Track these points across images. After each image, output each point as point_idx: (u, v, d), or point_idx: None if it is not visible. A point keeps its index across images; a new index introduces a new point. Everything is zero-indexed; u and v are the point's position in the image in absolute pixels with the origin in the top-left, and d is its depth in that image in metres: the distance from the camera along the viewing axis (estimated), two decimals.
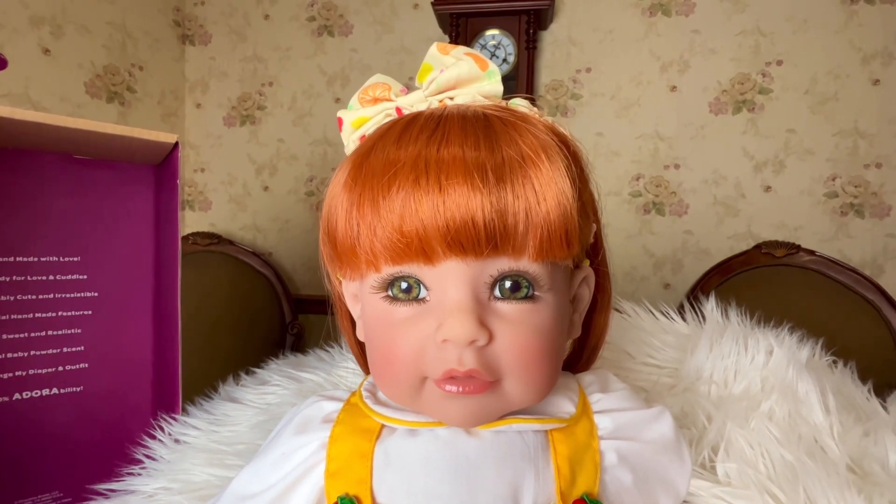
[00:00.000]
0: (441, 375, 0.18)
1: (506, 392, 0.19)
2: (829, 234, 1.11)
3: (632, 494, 0.20)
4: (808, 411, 0.29)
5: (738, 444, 0.29)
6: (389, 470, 0.19)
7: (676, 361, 0.36)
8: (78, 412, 0.52)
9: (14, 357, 0.49)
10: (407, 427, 0.20)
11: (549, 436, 0.20)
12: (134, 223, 0.55)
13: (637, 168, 1.16)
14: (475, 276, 0.18)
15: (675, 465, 0.22)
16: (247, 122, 1.32)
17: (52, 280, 0.51)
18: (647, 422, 0.21)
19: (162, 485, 0.33)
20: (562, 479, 0.19)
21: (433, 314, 0.18)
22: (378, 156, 0.18)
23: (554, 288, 0.19)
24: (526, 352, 0.18)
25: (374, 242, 0.18)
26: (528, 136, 0.19)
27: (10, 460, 0.49)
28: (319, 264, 1.13)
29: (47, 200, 0.50)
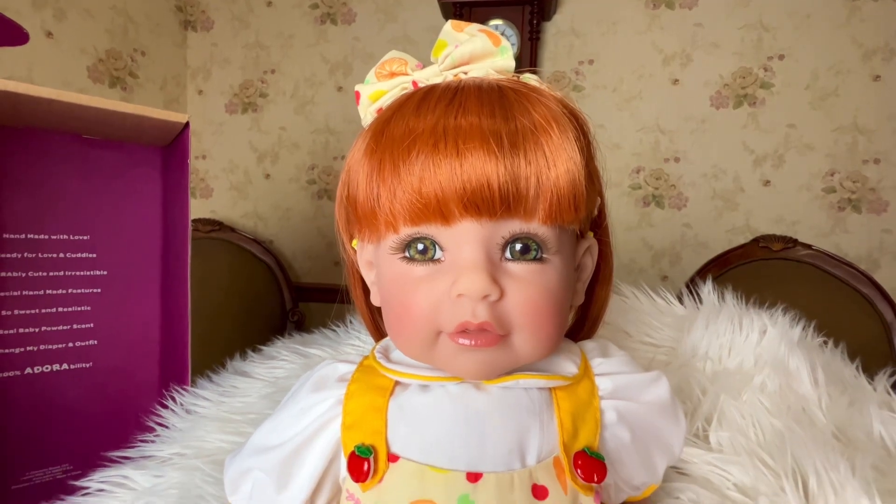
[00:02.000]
0: (455, 329, 0.19)
1: (514, 346, 0.20)
2: (826, 228, 1.13)
3: (629, 451, 0.22)
4: (797, 384, 0.31)
5: (731, 415, 0.30)
6: (403, 422, 0.20)
7: (673, 340, 0.37)
8: (87, 387, 0.53)
9: (26, 332, 0.50)
10: (419, 383, 0.21)
11: (553, 393, 0.21)
12: (142, 204, 0.56)
13: (637, 161, 1.17)
14: (488, 236, 0.19)
15: (671, 425, 0.23)
16: (248, 109, 1.32)
17: (63, 258, 0.52)
18: (645, 385, 0.23)
19: (176, 451, 0.34)
20: (564, 433, 0.20)
21: (448, 273, 0.20)
22: (398, 124, 0.20)
23: (561, 252, 0.21)
24: (534, 308, 0.20)
25: (393, 204, 0.19)
26: (540, 106, 0.20)
27: (22, 433, 0.50)
28: (320, 252, 1.16)
29: (58, 180, 0.51)
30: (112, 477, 0.34)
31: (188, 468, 0.32)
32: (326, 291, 1.22)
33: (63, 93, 0.45)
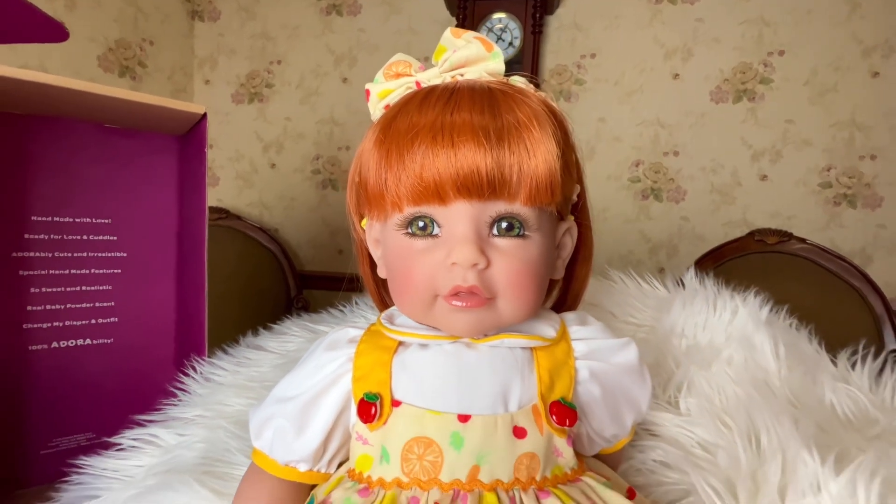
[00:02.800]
0: (449, 292, 0.23)
1: (499, 309, 0.24)
2: (821, 223, 1.15)
3: (600, 405, 0.26)
4: (760, 357, 0.34)
5: (699, 384, 0.34)
6: (405, 374, 0.24)
7: (654, 320, 0.41)
8: (108, 362, 0.57)
9: (52, 309, 0.54)
10: (419, 342, 0.25)
11: (534, 353, 0.25)
12: (159, 189, 0.60)
13: (637, 154, 1.20)
14: (477, 215, 0.23)
15: (638, 385, 0.27)
16: (255, 99, 1.35)
17: (85, 240, 0.56)
18: (616, 349, 0.26)
19: (198, 413, 0.38)
20: (542, 385, 0.24)
21: (444, 246, 0.23)
22: (403, 119, 0.23)
23: (541, 230, 0.24)
24: (516, 277, 0.23)
25: (399, 187, 0.23)
26: (524, 106, 0.23)
27: (49, 403, 0.54)
28: (324, 241, 1.20)
29: (81, 166, 0.55)
30: (142, 435, 0.38)
31: (211, 426, 0.36)
32: (330, 279, 1.26)
33: (87, 83, 0.49)
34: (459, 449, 0.22)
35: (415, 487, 0.22)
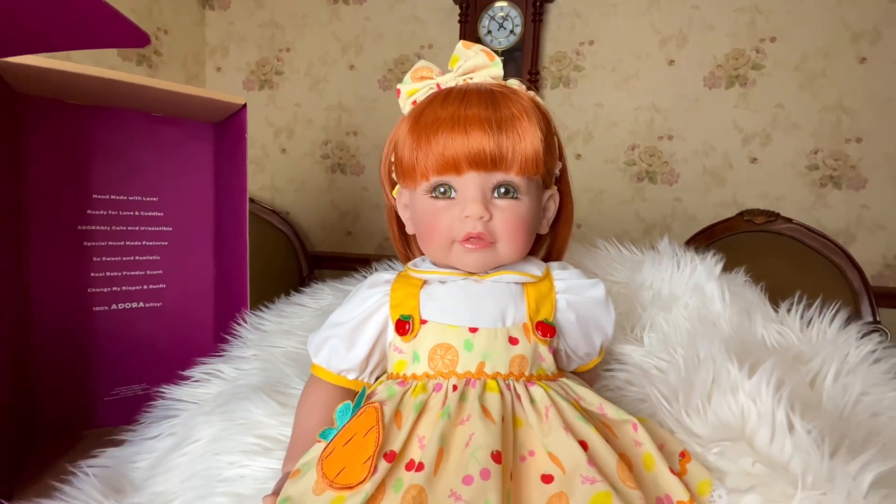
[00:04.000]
0: (463, 238, 0.32)
1: (498, 250, 0.33)
2: (808, 203, 1.24)
3: (574, 327, 0.35)
4: (710, 303, 0.44)
5: (660, 324, 0.43)
6: (429, 301, 0.33)
7: (628, 277, 0.50)
8: (158, 323, 0.67)
9: (111, 275, 0.64)
10: (439, 279, 0.34)
11: (524, 287, 0.34)
12: (198, 171, 0.69)
13: (633, 138, 1.28)
14: (483, 183, 0.32)
15: (604, 314, 0.36)
16: (265, 86, 1.43)
17: (137, 215, 0.65)
18: (588, 286, 0.35)
19: (253, 353, 0.48)
20: (530, 309, 0.33)
21: (459, 205, 0.32)
22: (429, 113, 0.32)
23: (529, 194, 0.33)
24: (510, 226, 0.32)
25: (427, 162, 0.32)
26: (516, 103, 0.32)
27: (110, 357, 0.64)
28: (333, 223, 1.32)
29: (132, 151, 0.64)
30: (207, 370, 0.48)
31: (267, 360, 0.45)
32: (340, 260, 1.36)
33: (140, 77, 0.57)
34: (470, 351, 0.31)
35: (438, 377, 0.31)
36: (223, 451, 0.38)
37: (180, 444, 0.41)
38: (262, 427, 0.38)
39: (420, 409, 0.30)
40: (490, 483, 0.26)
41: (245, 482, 0.35)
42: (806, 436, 0.30)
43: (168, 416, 0.45)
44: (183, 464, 0.39)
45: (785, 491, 0.29)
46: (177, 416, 0.45)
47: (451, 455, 0.27)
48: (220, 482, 0.35)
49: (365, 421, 0.29)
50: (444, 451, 0.28)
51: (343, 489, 0.27)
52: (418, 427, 0.29)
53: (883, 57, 1.16)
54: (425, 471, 0.26)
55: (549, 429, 0.29)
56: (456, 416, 0.29)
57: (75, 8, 0.41)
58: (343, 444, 0.29)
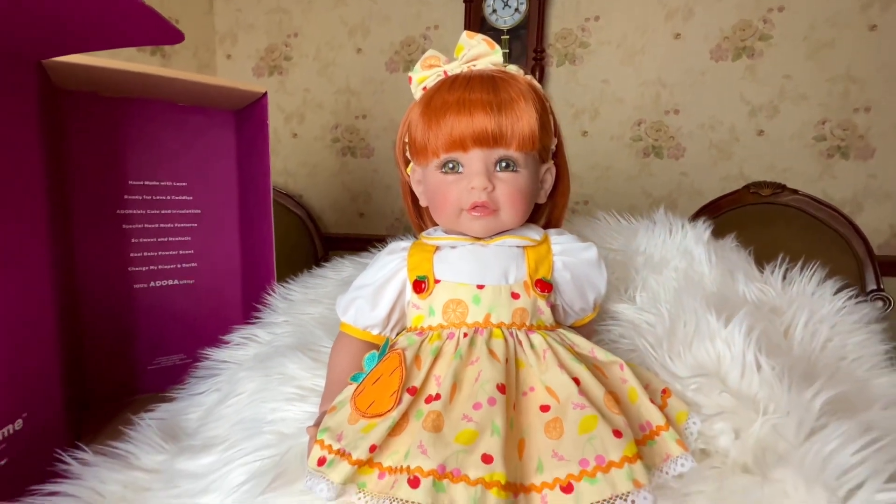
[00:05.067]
0: (469, 206, 0.37)
1: (501, 217, 0.38)
2: (815, 174, 1.26)
3: (570, 285, 0.40)
4: (697, 265, 0.48)
5: (651, 284, 0.48)
6: (442, 264, 0.39)
7: (624, 245, 0.55)
8: (192, 298, 0.74)
9: (148, 255, 0.70)
10: (450, 244, 0.39)
11: (525, 250, 0.39)
12: (221, 157, 0.74)
13: (639, 113, 1.31)
14: (486, 158, 0.37)
15: (597, 273, 0.41)
16: (274, 72, 1.47)
17: (169, 199, 0.71)
18: (582, 249, 0.40)
19: (284, 319, 0.54)
20: (530, 269, 0.38)
21: (465, 179, 0.38)
22: (437, 98, 0.37)
23: (527, 167, 0.38)
24: (511, 195, 0.37)
25: (437, 142, 0.37)
26: (514, 87, 0.36)
27: (152, 330, 0.71)
28: (345, 205, 1.39)
29: (162, 138, 0.70)
30: (244, 335, 0.54)
31: (297, 324, 0.52)
32: (353, 240, 1.42)
33: (169, 70, 0.62)
34: (478, 304, 0.37)
35: (451, 327, 0.37)
36: (265, 400, 0.44)
37: (226, 398, 0.48)
38: (297, 379, 0.45)
39: (436, 354, 0.35)
40: (496, 408, 0.31)
41: (287, 423, 0.41)
42: (770, 371, 0.35)
43: (212, 375, 0.52)
44: (230, 413, 0.46)
45: (749, 417, 0.34)
46: (220, 375, 0.51)
47: (463, 388, 0.33)
48: (265, 424, 0.42)
49: (390, 364, 0.35)
50: (457, 386, 0.33)
51: (374, 417, 0.33)
52: (435, 368, 0.35)
53: (894, 24, 1.17)
54: (441, 400, 0.32)
55: (546, 367, 0.34)
56: (467, 358, 0.35)
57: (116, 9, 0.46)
58: (372, 384, 0.35)
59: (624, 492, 0.29)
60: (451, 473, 0.29)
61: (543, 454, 0.31)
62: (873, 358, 0.41)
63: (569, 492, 0.29)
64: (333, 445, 0.33)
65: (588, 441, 0.30)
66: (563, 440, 0.31)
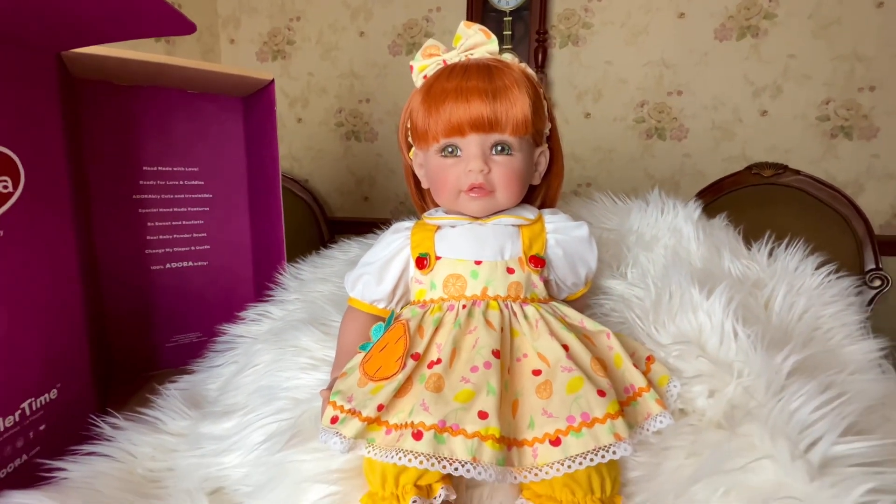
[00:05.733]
0: (467, 188, 0.40)
1: (497, 198, 0.41)
2: (817, 155, 1.27)
3: (562, 261, 0.43)
4: (686, 242, 0.51)
5: (642, 261, 0.51)
6: (442, 242, 0.42)
7: (618, 224, 0.58)
8: (206, 279, 0.78)
9: (163, 238, 0.74)
10: (450, 224, 0.43)
11: (520, 228, 0.42)
12: (231, 143, 0.77)
13: (642, 95, 1.32)
14: (483, 142, 0.40)
15: (587, 250, 0.44)
16: (278, 56, 1.49)
17: (182, 185, 0.74)
18: (574, 227, 0.44)
19: (295, 297, 0.58)
20: (524, 246, 0.41)
21: (463, 162, 0.40)
22: (437, 87, 0.40)
23: (521, 151, 0.41)
24: (506, 177, 0.40)
25: (437, 127, 0.40)
26: (509, 75, 0.39)
27: (169, 310, 0.75)
28: (350, 189, 1.43)
29: (173, 125, 0.73)
30: (257, 312, 0.58)
31: (309, 301, 0.55)
32: (358, 224, 1.45)
33: (179, 59, 0.65)
34: (476, 279, 0.40)
35: (451, 300, 0.40)
36: (280, 369, 0.48)
37: (243, 369, 0.52)
38: (310, 350, 0.48)
39: (437, 324, 0.39)
40: (491, 371, 0.35)
41: (301, 390, 0.45)
42: (746, 339, 0.38)
43: (229, 348, 0.56)
44: (248, 382, 0.50)
45: (724, 380, 0.37)
46: (237, 348, 0.55)
47: (461, 354, 0.37)
48: (280, 391, 0.46)
49: (395, 333, 0.39)
50: (457, 352, 0.37)
51: (381, 380, 0.36)
52: (436, 336, 0.38)
53: None
54: (442, 364, 0.36)
55: (538, 335, 0.38)
56: (465, 327, 0.38)
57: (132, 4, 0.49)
58: (379, 351, 0.39)
59: (606, 444, 0.32)
60: (450, 428, 0.33)
61: (535, 412, 0.35)
62: (847, 328, 0.44)
63: (557, 445, 0.33)
64: (345, 406, 0.36)
65: (574, 400, 0.34)
66: (553, 400, 0.35)
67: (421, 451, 0.32)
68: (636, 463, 0.37)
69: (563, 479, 0.34)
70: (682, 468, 0.36)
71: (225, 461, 0.43)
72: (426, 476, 0.35)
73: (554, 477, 0.32)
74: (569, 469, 0.32)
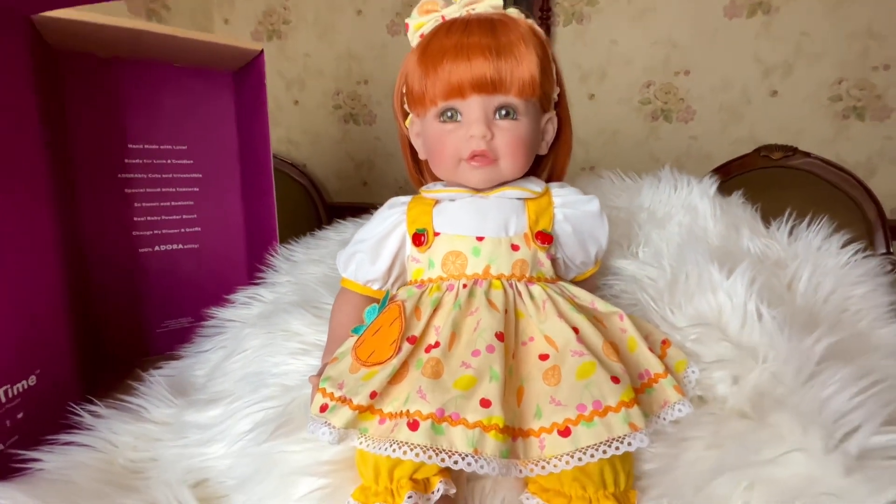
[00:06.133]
0: (468, 156, 0.37)
1: (500, 167, 0.37)
2: (829, 136, 1.22)
3: (571, 238, 0.39)
4: (702, 220, 0.48)
5: (654, 239, 0.47)
6: (441, 217, 0.38)
7: (628, 202, 0.54)
8: (197, 262, 0.74)
9: (152, 220, 0.70)
10: (449, 197, 0.39)
11: (525, 202, 0.39)
12: (221, 120, 0.73)
13: (648, 75, 1.27)
14: (485, 105, 0.36)
15: (599, 227, 0.40)
16: (273, 36, 1.44)
17: (170, 163, 0.71)
18: (584, 202, 0.40)
19: (287, 279, 0.54)
20: (531, 221, 0.38)
21: (464, 127, 0.37)
22: (435, 44, 0.36)
23: (528, 115, 0.37)
24: (511, 144, 0.36)
25: (435, 89, 0.36)
26: (514, 30, 0.35)
27: (160, 295, 0.72)
28: (349, 174, 1.37)
29: (160, 101, 0.69)
30: (248, 294, 0.55)
31: (301, 283, 0.52)
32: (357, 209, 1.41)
33: (163, 27, 0.61)
34: (478, 256, 0.37)
35: (450, 279, 0.37)
36: (269, 354, 0.45)
37: (231, 354, 0.49)
38: (301, 335, 0.45)
39: (436, 305, 0.35)
40: (494, 355, 0.32)
41: (290, 376, 0.42)
42: (771, 321, 0.35)
43: (218, 333, 0.53)
44: (236, 368, 0.47)
45: (748, 365, 0.34)
46: (225, 332, 0.52)
47: (462, 337, 0.33)
48: (269, 377, 0.42)
49: (390, 315, 0.35)
50: (456, 334, 0.33)
51: (374, 365, 0.33)
52: (434, 319, 0.35)
53: None
54: (441, 347, 0.32)
55: (545, 317, 0.34)
56: (466, 308, 0.35)
57: None
58: (372, 334, 0.35)
59: (620, 435, 0.29)
60: (449, 417, 0.29)
61: (542, 400, 0.31)
62: (876, 310, 0.40)
63: (566, 435, 0.30)
64: (335, 393, 0.33)
65: (585, 387, 0.31)
66: (561, 387, 0.31)
67: (417, 443, 0.29)
68: (651, 454, 0.34)
69: (573, 473, 0.31)
70: (702, 460, 0.32)
71: (209, 451, 0.40)
72: (423, 469, 0.32)
73: (563, 470, 0.29)
74: (579, 462, 0.29)
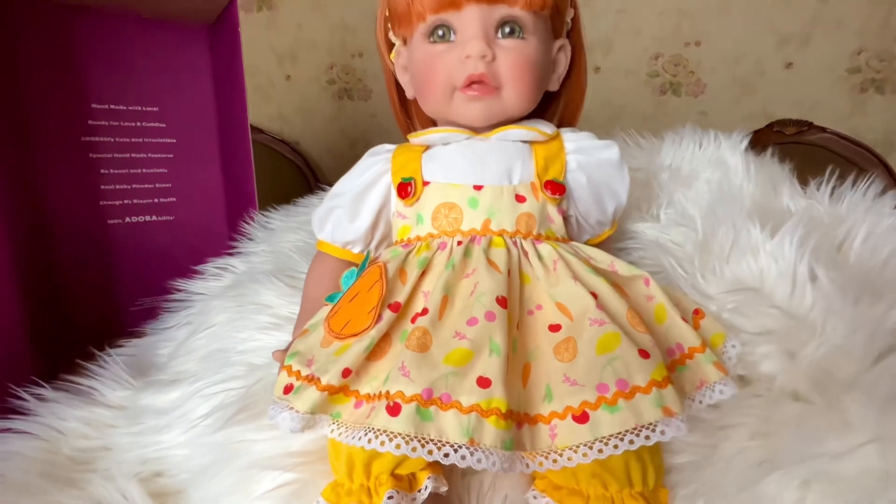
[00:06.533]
0: (463, 83, 0.30)
1: (504, 98, 0.31)
2: (846, 111, 1.15)
3: (585, 190, 0.33)
4: (734, 176, 0.41)
5: (678, 200, 0.41)
6: (432, 163, 0.32)
7: (647, 162, 0.48)
8: (172, 236, 0.68)
9: (120, 188, 0.64)
10: (442, 139, 0.32)
11: (532, 146, 0.32)
12: (195, 80, 0.66)
13: (657, 46, 1.19)
14: (485, 17, 0.29)
15: (618, 178, 0.34)
16: (263, 7, 1.36)
17: (139, 126, 0.64)
18: (600, 148, 0.33)
19: (262, 248, 0.48)
20: (538, 168, 0.31)
21: (459, 47, 0.30)
22: None
23: (536, 34, 0.30)
24: (517, 68, 0.30)
25: (422, 1, 0.29)
26: None
27: (132, 272, 0.65)
28: (343, 152, 1.28)
29: (128, 58, 0.62)
30: (219, 265, 0.48)
31: (276, 252, 0.46)
32: None
33: None
34: (475, 208, 0.30)
35: (442, 236, 0.30)
36: (237, 329, 0.38)
37: (197, 330, 0.42)
38: (272, 307, 0.39)
39: (424, 266, 0.29)
40: (495, 324, 0.25)
41: (258, 353, 0.36)
42: (830, 284, 0.29)
43: (184, 308, 0.46)
44: (201, 345, 0.41)
45: (800, 338, 0.28)
46: (192, 307, 0.46)
47: (455, 303, 0.27)
48: (235, 354, 0.36)
49: (369, 278, 0.29)
50: (449, 299, 0.27)
51: (348, 337, 0.27)
52: (423, 283, 0.29)
53: None
54: (429, 315, 0.26)
55: (556, 280, 0.28)
56: (461, 270, 0.28)
57: None
58: (348, 302, 0.29)
59: (651, 421, 0.23)
60: (439, 399, 0.23)
61: (553, 380, 0.25)
62: None
63: (583, 421, 0.24)
64: (302, 371, 0.27)
65: (608, 363, 0.24)
66: (577, 363, 0.25)
67: (398, 431, 0.22)
68: (684, 445, 0.27)
69: (592, 468, 0.25)
70: (746, 452, 0.26)
71: (165, 440, 0.34)
72: (407, 463, 0.26)
73: (579, 464, 0.23)
74: (599, 454, 0.23)
